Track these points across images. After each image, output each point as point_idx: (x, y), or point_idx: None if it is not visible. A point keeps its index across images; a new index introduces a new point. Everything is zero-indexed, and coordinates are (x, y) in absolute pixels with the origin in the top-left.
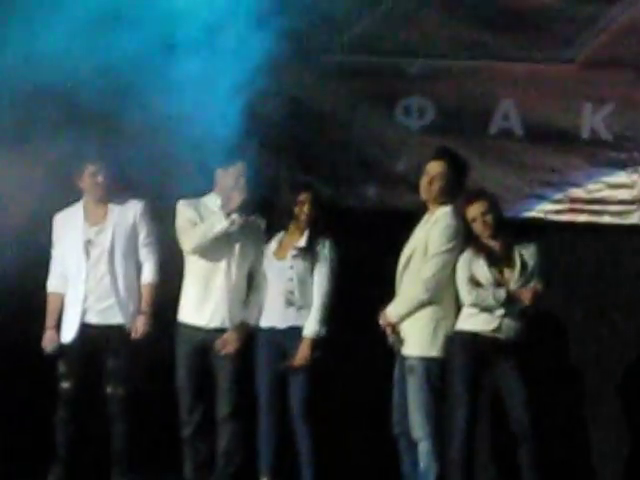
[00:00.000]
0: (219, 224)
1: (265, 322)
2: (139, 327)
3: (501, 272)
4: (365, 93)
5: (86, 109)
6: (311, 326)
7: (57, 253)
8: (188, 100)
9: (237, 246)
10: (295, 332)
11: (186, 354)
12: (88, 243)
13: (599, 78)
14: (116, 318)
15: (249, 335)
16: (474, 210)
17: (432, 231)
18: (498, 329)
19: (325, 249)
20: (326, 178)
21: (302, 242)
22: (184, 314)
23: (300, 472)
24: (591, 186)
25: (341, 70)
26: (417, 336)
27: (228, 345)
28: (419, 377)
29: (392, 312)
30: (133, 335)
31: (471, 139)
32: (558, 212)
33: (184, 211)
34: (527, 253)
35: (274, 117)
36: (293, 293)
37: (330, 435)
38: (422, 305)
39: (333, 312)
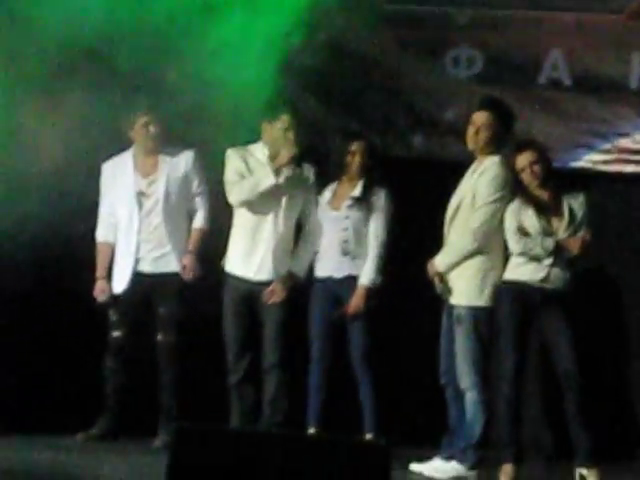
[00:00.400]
0: (267, 179)
1: (321, 272)
2: (188, 266)
3: (549, 222)
4: (414, 43)
5: (124, 65)
6: (367, 275)
7: (106, 203)
8: (229, 53)
9: (285, 198)
10: (351, 281)
11: (233, 303)
12: (140, 194)
13: None
14: (170, 266)
15: (297, 285)
16: (523, 159)
17: (480, 181)
18: (546, 279)
19: (380, 199)
20: (373, 127)
21: (357, 192)
22: (231, 265)
23: (347, 423)
24: (639, 136)
25: (390, 19)
26: (465, 286)
27: (275, 295)
28: (467, 327)
29: (440, 262)
30: (180, 272)
31: (520, 89)
32: (606, 162)
33: (232, 162)
34: (575, 203)
35: (323, 66)
36: (348, 242)
37: (377, 385)
38: (470, 255)
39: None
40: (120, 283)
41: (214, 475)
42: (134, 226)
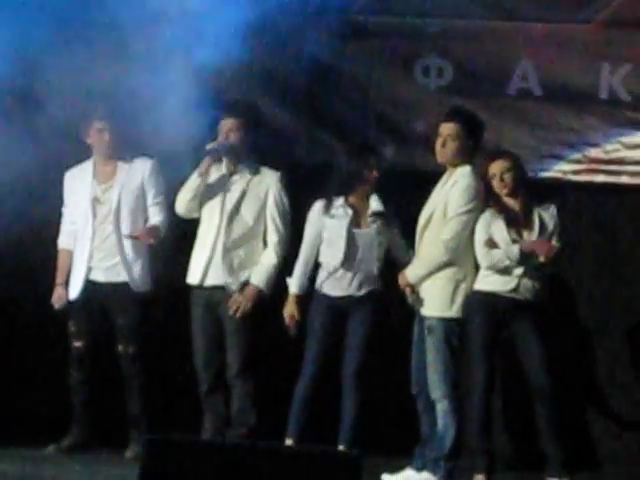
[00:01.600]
0: (191, 181)
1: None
2: (141, 235)
3: (519, 233)
4: (383, 53)
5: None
6: (411, 268)
7: (67, 210)
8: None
9: (232, 201)
10: (368, 297)
11: (197, 312)
12: (95, 201)
13: (618, 38)
14: (121, 276)
15: (262, 298)
16: (495, 167)
17: (451, 192)
18: (516, 289)
19: (391, 211)
20: (343, 138)
21: (378, 206)
22: (190, 275)
23: (320, 434)
24: (609, 146)
25: (359, 30)
26: (436, 297)
27: (238, 307)
28: (438, 337)
29: (411, 273)
30: (130, 283)
31: (489, 99)
32: (576, 172)
33: None
34: (546, 214)
35: (291, 77)
36: (381, 258)
37: (363, 403)
38: (442, 266)
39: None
40: (74, 290)
41: None
42: (88, 233)
